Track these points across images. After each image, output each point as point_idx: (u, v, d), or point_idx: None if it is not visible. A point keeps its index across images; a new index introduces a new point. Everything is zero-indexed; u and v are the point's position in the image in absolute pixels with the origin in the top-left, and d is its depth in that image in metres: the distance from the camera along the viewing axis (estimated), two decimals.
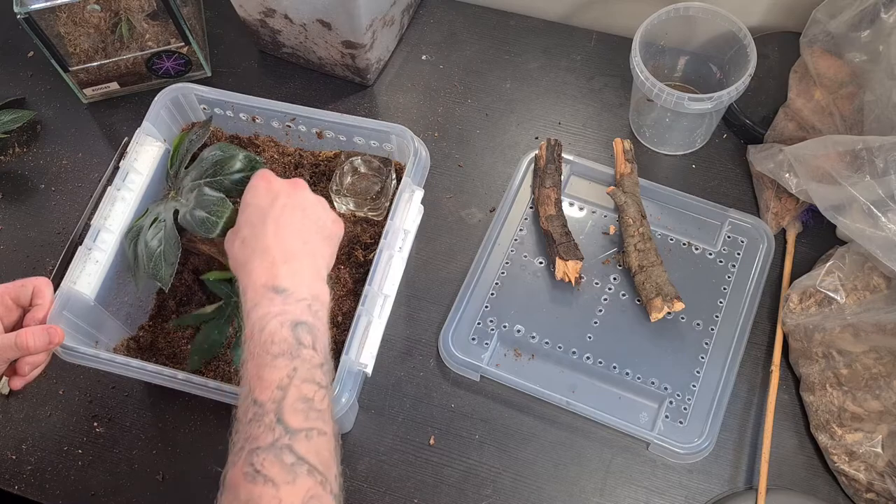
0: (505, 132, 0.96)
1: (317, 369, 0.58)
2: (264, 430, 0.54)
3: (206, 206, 0.72)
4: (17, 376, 0.68)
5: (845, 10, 0.81)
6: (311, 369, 0.58)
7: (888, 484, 0.72)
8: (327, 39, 0.93)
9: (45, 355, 0.69)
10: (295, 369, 0.57)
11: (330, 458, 0.56)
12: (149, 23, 0.95)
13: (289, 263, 0.63)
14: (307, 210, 0.67)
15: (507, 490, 0.78)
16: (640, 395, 0.80)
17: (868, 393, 0.73)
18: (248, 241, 0.65)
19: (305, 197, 0.69)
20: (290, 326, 0.59)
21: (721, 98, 0.81)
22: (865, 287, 0.76)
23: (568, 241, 0.84)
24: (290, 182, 0.69)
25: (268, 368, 0.57)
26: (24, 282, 0.69)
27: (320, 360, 0.59)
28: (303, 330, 0.59)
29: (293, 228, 0.65)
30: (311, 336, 0.60)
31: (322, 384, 0.58)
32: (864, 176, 0.71)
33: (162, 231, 0.74)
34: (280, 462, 0.53)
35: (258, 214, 0.66)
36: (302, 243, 0.65)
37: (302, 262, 0.64)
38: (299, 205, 0.67)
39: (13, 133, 0.99)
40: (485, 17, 1.05)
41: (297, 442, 0.54)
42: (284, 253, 0.63)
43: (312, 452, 0.54)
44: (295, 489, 0.52)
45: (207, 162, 0.76)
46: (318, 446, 0.55)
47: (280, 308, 0.60)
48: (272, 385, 0.56)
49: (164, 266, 0.73)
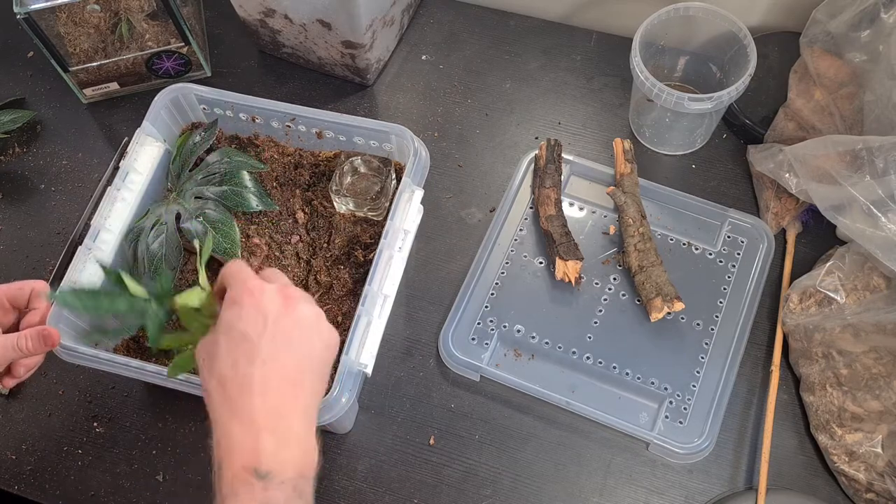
0: (505, 132, 0.96)
1: None
2: None
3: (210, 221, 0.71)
4: (9, 377, 0.68)
5: (845, 10, 0.81)
6: None
7: (888, 484, 0.72)
8: (327, 39, 0.93)
9: (40, 357, 0.69)
10: None
11: None
12: (149, 23, 0.95)
13: (276, 431, 0.51)
14: (303, 337, 0.54)
15: (507, 490, 0.78)
16: (640, 395, 0.80)
17: (868, 393, 0.73)
18: (229, 389, 0.52)
19: (300, 318, 0.55)
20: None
21: (721, 98, 0.81)
22: (865, 287, 0.76)
23: (568, 241, 0.84)
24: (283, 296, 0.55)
25: None
26: (21, 284, 0.69)
27: None
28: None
29: (285, 374, 0.53)
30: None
31: None
32: (864, 176, 0.71)
33: (164, 234, 0.73)
34: None
35: (244, 350, 0.52)
36: (294, 394, 0.53)
37: (291, 421, 0.52)
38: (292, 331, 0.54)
39: (13, 133, 0.99)
40: (485, 17, 1.05)
41: None
42: (273, 415, 0.51)
43: None
44: None
45: (213, 168, 0.76)
46: None
47: (261, 497, 0.49)
48: None
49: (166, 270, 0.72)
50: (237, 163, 0.77)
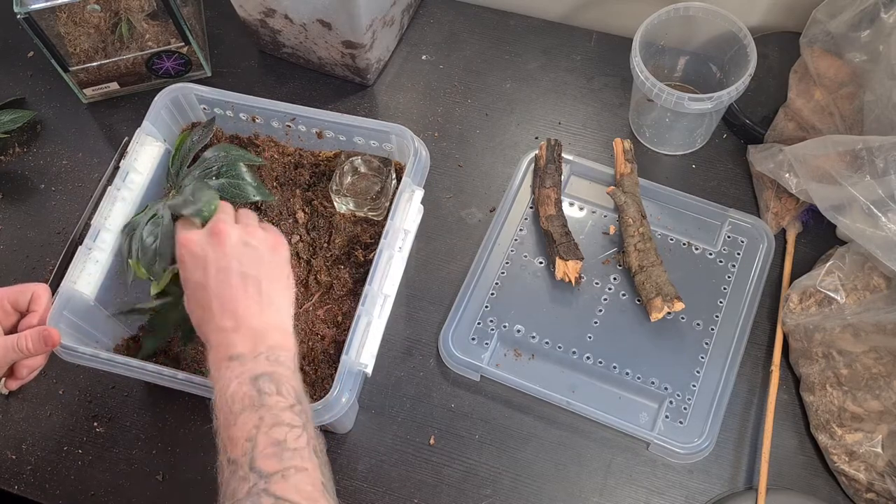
0: (505, 132, 0.96)
1: (285, 412, 0.58)
2: (240, 483, 0.54)
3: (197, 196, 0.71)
4: (12, 378, 0.68)
5: (845, 10, 0.81)
6: (279, 413, 0.57)
7: (888, 484, 0.72)
8: (327, 39, 0.93)
9: (42, 358, 0.69)
10: (261, 418, 0.57)
11: (314, 492, 0.55)
12: (149, 23, 0.95)
13: (240, 329, 0.62)
14: (242, 260, 0.64)
15: (507, 490, 0.78)
16: (640, 395, 0.80)
17: (868, 393, 0.73)
18: (200, 319, 0.64)
19: (232, 248, 0.65)
20: (249, 382, 0.59)
21: (721, 98, 0.81)
22: (865, 287, 0.76)
23: (568, 241, 0.84)
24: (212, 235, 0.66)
25: (234, 427, 0.57)
26: (23, 287, 0.70)
27: (289, 402, 0.59)
28: (263, 381, 0.59)
29: (236, 291, 0.63)
30: (274, 384, 0.59)
31: (294, 424, 0.57)
32: (864, 176, 0.71)
33: (159, 227, 0.73)
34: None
35: (200, 293, 0.64)
36: (249, 301, 0.63)
37: (253, 320, 0.62)
38: (232, 261, 0.64)
39: (13, 133, 0.99)
40: (485, 17, 1.05)
41: (273, 484, 0.53)
42: (235, 320, 0.62)
43: (292, 490, 0.53)
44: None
45: (210, 162, 0.76)
46: (297, 483, 0.54)
47: (237, 370, 0.60)
48: (241, 440, 0.56)
49: (159, 261, 0.73)
50: (234, 156, 0.77)
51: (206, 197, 0.70)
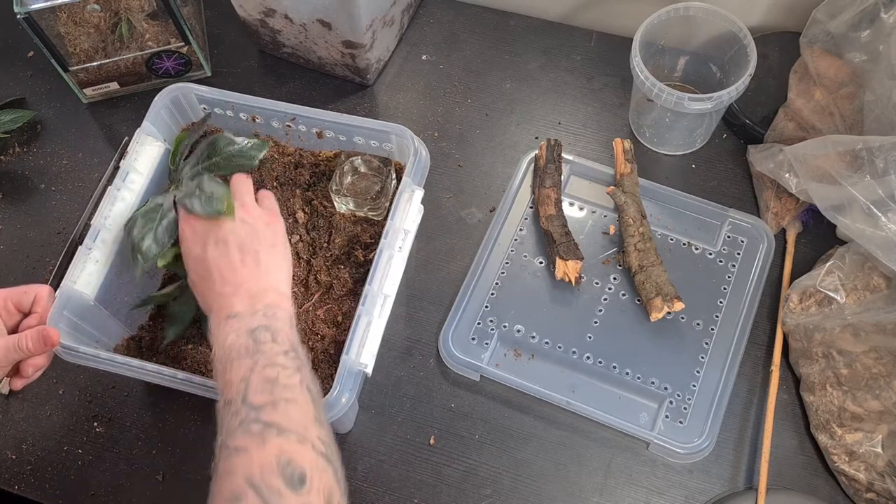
0: (505, 132, 0.96)
1: (279, 356, 0.61)
2: (232, 417, 0.56)
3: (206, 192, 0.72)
4: (17, 377, 0.69)
5: (845, 10, 0.81)
6: (273, 357, 0.60)
7: (888, 484, 0.72)
8: (327, 39, 0.93)
9: (46, 357, 0.70)
10: (255, 362, 0.60)
11: (304, 421, 0.57)
12: (149, 23, 0.95)
13: (238, 293, 0.66)
14: (239, 234, 0.69)
15: (507, 490, 0.78)
16: (640, 394, 0.80)
17: (868, 393, 0.73)
18: (203, 289, 0.69)
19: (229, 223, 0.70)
20: (246, 334, 0.62)
21: (721, 98, 0.81)
22: (865, 287, 0.76)
23: (568, 241, 0.84)
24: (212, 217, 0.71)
25: (230, 372, 0.60)
26: (26, 288, 0.71)
27: (283, 348, 0.62)
28: (259, 332, 0.62)
29: (234, 262, 0.68)
30: (270, 333, 0.62)
31: (287, 366, 0.60)
32: (864, 176, 0.71)
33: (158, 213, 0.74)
34: (248, 433, 0.54)
35: (200, 265, 0.69)
36: (246, 270, 0.67)
37: (250, 285, 0.66)
38: (229, 235, 0.69)
39: (13, 133, 0.99)
40: (485, 17, 1.05)
41: (263, 413, 0.56)
42: (233, 286, 0.66)
43: (281, 417, 0.56)
44: (265, 449, 0.53)
45: (201, 148, 0.76)
46: (286, 412, 0.56)
47: (235, 325, 0.63)
48: (236, 381, 0.59)
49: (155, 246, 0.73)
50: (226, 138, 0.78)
51: (219, 194, 0.71)
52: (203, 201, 0.70)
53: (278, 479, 0.51)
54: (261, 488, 0.51)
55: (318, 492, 0.52)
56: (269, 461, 0.52)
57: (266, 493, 0.51)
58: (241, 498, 0.51)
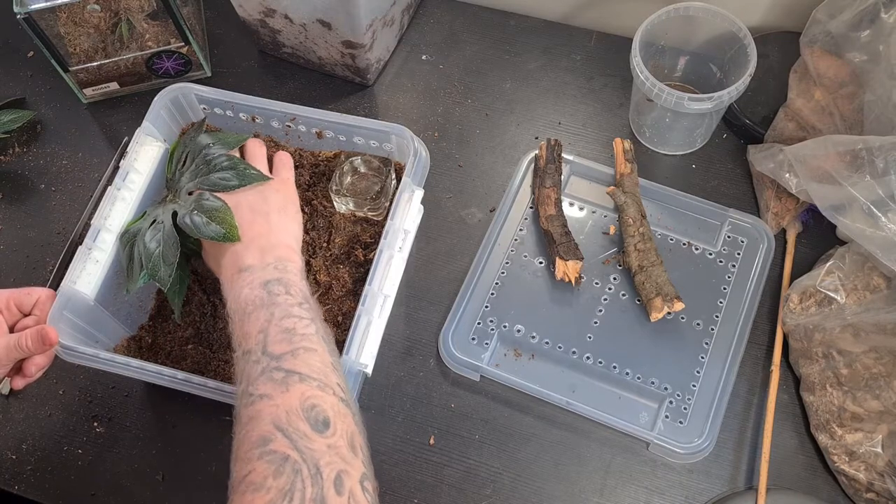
0: (505, 132, 0.96)
1: (294, 307, 0.63)
2: (253, 366, 0.58)
3: (206, 211, 0.72)
4: (19, 376, 0.69)
5: (845, 10, 0.81)
6: (288, 308, 0.63)
7: (888, 484, 0.72)
8: (327, 39, 0.93)
9: (48, 357, 0.70)
10: (272, 314, 0.62)
11: (324, 369, 0.59)
12: (149, 23, 0.95)
13: (249, 248, 0.69)
14: (250, 200, 0.73)
15: (507, 490, 0.78)
16: (640, 394, 0.80)
17: (868, 393, 0.73)
18: (214, 252, 0.72)
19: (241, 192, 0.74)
20: (260, 286, 0.64)
21: (721, 98, 0.81)
22: (865, 287, 0.76)
23: (568, 241, 0.84)
24: None
25: (248, 324, 0.62)
26: (29, 290, 0.71)
27: (297, 300, 0.64)
28: (273, 284, 0.65)
29: (246, 222, 0.71)
30: (283, 286, 0.65)
31: (303, 317, 0.62)
32: (864, 176, 0.71)
33: (160, 233, 0.74)
34: (271, 380, 0.56)
35: None
36: (258, 228, 0.71)
37: (261, 240, 0.70)
38: (241, 201, 0.73)
39: (13, 133, 0.99)
40: (485, 17, 1.05)
41: (283, 362, 0.58)
42: (245, 242, 0.70)
43: (301, 365, 0.58)
44: (289, 395, 0.55)
45: (200, 159, 0.76)
46: (306, 360, 0.58)
47: (248, 279, 0.66)
48: (254, 333, 0.61)
49: (163, 266, 0.73)
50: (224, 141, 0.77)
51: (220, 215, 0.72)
52: (205, 223, 0.71)
53: (304, 422, 0.53)
54: (288, 431, 0.53)
55: (342, 434, 0.54)
56: (294, 406, 0.54)
57: (294, 435, 0.52)
58: (269, 441, 0.52)
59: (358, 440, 0.55)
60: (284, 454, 0.51)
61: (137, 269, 0.74)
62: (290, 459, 0.51)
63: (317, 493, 0.50)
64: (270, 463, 0.51)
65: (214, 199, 0.72)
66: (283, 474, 0.50)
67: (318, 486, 0.50)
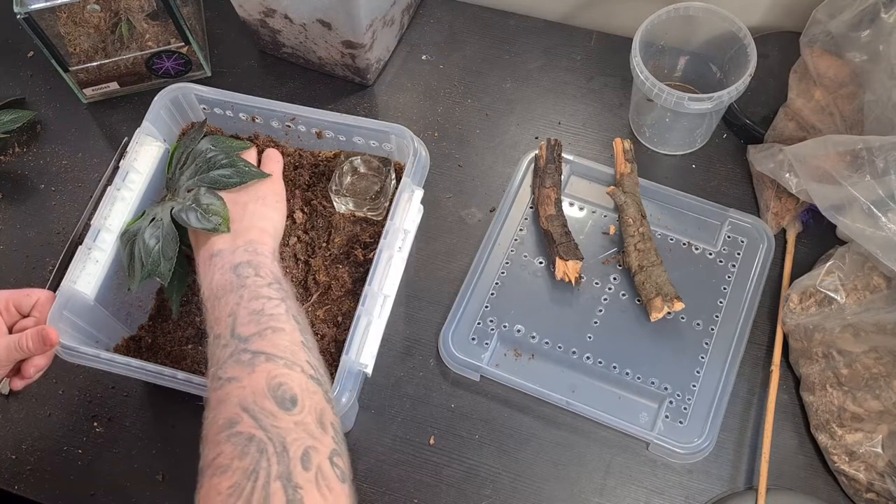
0: (505, 132, 0.96)
1: (262, 288, 0.63)
2: (222, 349, 0.59)
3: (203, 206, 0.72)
4: (18, 377, 0.69)
5: (845, 10, 0.81)
6: (257, 290, 0.63)
7: (888, 484, 0.72)
8: (327, 39, 0.93)
9: (47, 358, 0.70)
10: (241, 296, 0.62)
11: (292, 347, 0.58)
12: (149, 23, 0.95)
13: (221, 234, 0.70)
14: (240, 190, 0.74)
15: (506, 490, 0.78)
16: (640, 395, 0.80)
17: (868, 393, 0.73)
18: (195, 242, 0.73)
19: None
20: (230, 270, 0.65)
21: (721, 98, 0.81)
22: (865, 287, 0.76)
23: (568, 241, 0.84)
24: None
25: (218, 308, 0.62)
26: (29, 291, 0.71)
27: (266, 281, 0.64)
28: (242, 267, 0.65)
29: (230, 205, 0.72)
30: (252, 268, 0.65)
31: (272, 297, 0.62)
32: (864, 176, 0.71)
33: (159, 229, 0.74)
34: (238, 363, 0.56)
35: None
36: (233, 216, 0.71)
37: (234, 225, 0.71)
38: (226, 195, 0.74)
39: (13, 133, 0.99)
40: (485, 17, 1.05)
41: (251, 343, 0.58)
42: None
43: (268, 345, 0.58)
44: (255, 375, 0.55)
45: (200, 159, 0.77)
46: (273, 340, 0.58)
47: (218, 263, 0.66)
48: (224, 317, 0.61)
49: (163, 262, 0.73)
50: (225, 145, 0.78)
51: (215, 208, 0.72)
52: (199, 216, 0.71)
53: (270, 401, 0.53)
54: (254, 411, 0.53)
55: (310, 411, 0.54)
56: (259, 386, 0.54)
57: (260, 414, 0.53)
58: (236, 423, 0.53)
59: (329, 417, 0.55)
60: (250, 434, 0.51)
61: (138, 266, 0.74)
62: (255, 439, 0.51)
63: (283, 469, 0.50)
64: (236, 445, 0.51)
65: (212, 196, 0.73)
66: (248, 455, 0.51)
67: (283, 463, 0.50)
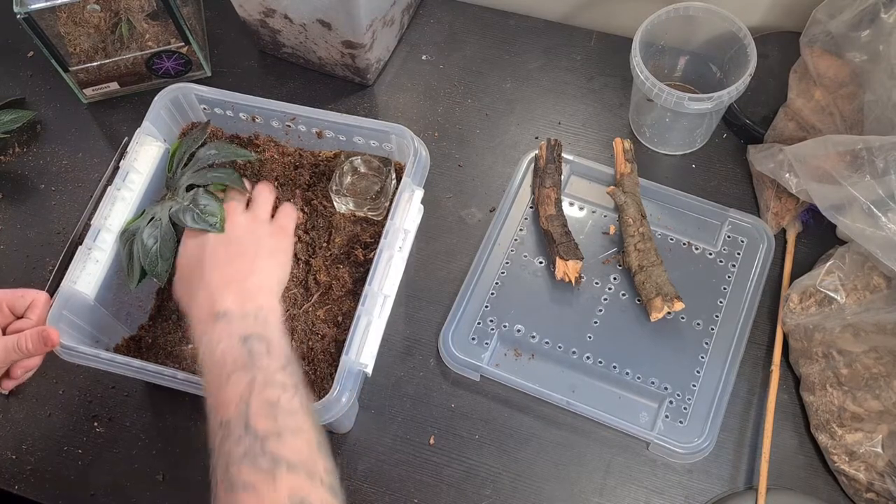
0: (505, 132, 0.96)
1: (277, 373, 0.59)
2: (235, 444, 0.54)
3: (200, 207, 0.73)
4: (7, 379, 0.68)
5: (845, 10, 0.81)
6: (271, 374, 0.58)
7: (888, 484, 0.72)
8: (327, 39, 0.93)
9: (38, 359, 0.69)
10: (253, 379, 0.57)
11: (312, 453, 0.55)
12: (149, 23, 0.95)
13: (227, 288, 0.65)
14: (242, 241, 0.70)
15: (507, 490, 0.78)
16: (640, 394, 0.80)
17: (868, 393, 0.73)
18: (188, 282, 0.68)
19: (234, 230, 0.71)
20: (239, 342, 0.60)
21: (721, 98, 0.81)
22: (865, 287, 0.76)
23: (568, 241, 0.84)
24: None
25: (226, 388, 0.57)
26: (23, 292, 0.70)
27: (279, 364, 0.60)
28: (253, 341, 0.60)
29: (228, 257, 0.68)
30: (264, 344, 0.60)
31: (287, 385, 0.58)
32: (864, 176, 0.71)
33: (158, 229, 0.74)
34: (255, 467, 0.52)
35: (195, 263, 0.69)
36: (240, 266, 0.67)
37: (241, 283, 0.66)
38: (232, 238, 0.70)
39: (13, 133, 0.99)
40: (485, 17, 1.05)
41: (269, 444, 0.54)
42: (223, 279, 0.65)
43: (288, 450, 0.54)
44: (276, 489, 0.51)
45: (202, 162, 0.77)
46: (293, 444, 0.55)
47: (225, 330, 0.61)
48: (234, 401, 0.56)
49: (161, 262, 0.73)
50: (228, 152, 0.78)
51: (212, 209, 0.72)
52: (195, 216, 0.71)
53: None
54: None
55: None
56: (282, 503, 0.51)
57: None
58: None
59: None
60: None
61: (137, 266, 0.74)
62: None
63: None
64: None
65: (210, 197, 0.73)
66: None
67: None
